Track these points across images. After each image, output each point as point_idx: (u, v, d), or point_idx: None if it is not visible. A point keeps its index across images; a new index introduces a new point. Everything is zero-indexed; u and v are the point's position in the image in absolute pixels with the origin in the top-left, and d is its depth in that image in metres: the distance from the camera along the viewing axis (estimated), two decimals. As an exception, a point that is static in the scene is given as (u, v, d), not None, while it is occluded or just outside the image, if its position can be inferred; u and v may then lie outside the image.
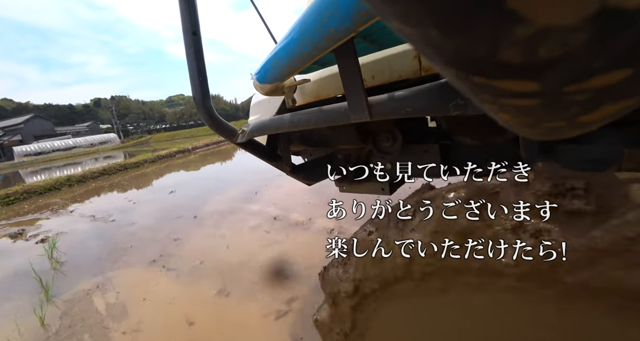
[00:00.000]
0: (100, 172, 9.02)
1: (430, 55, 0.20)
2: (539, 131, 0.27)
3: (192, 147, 13.77)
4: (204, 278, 2.25)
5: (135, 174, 8.74)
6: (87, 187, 7.52)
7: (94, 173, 8.80)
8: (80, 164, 15.02)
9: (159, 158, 11.39)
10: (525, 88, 0.19)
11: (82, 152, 27.01)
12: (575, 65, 0.16)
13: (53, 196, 6.79)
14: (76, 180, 8.15)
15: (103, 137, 32.56)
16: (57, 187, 7.57)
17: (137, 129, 48.29)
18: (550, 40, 0.15)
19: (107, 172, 9.11)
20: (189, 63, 0.79)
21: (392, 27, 0.19)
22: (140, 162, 10.49)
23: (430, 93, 0.54)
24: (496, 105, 0.23)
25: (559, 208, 0.40)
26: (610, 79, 0.17)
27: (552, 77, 0.17)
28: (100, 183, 7.82)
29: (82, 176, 8.44)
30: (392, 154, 0.91)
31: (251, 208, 3.70)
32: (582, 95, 0.19)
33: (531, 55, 0.16)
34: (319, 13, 0.48)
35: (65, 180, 7.93)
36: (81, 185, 7.95)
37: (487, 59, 0.17)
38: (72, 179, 8.10)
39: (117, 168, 9.50)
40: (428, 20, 0.16)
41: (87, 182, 8.22)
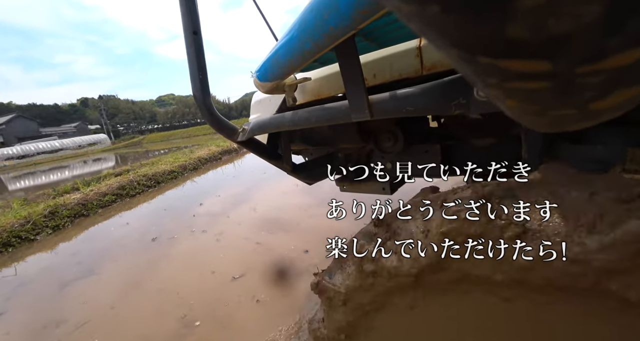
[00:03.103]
0: (115, 192, 4.95)
1: (431, 36, 0.18)
2: (545, 120, 0.25)
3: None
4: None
5: (191, 193, 5.12)
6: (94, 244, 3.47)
7: (101, 200, 4.67)
8: (68, 167, 13.99)
9: (201, 162, 7.57)
10: (535, 69, 0.17)
11: (70, 154, 25.94)
12: (588, 42, 0.15)
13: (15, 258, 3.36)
14: (69, 215, 4.13)
15: (92, 138, 31.42)
16: (32, 235, 3.65)
17: (128, 129, 47.06)
18: (561, 12, 0.13)
19: (126, 191, 5.09)
20: (189, 62, 0.78)
21: (390, 7, 0.18)
22: (177, 170, 6.41)
23: (432, 92, 0.55)
24: (502, 89, 0.21)
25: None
26: (626, 59, 0.15)
27: (563, 56, 0.16)
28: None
29: (80, 205, 4.39)
30: (393, 154, 0.91)
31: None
32: (596, 78, 0.17)
33: (540, 30, 0.14)
34: (318, 10, 0.48)
35: (46, 220, 3.87)
36: (77, 228, 4.00)
37: (493, 35, 0.15)
38: (60, 214, 4.04)
39: (139, 184, 5.33)
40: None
41: (88, 219, 4.30)
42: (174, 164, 6.84)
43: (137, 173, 5.94)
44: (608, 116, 0.22)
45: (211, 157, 8.40)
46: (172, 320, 1.83)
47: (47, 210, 4.10)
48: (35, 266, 3.11)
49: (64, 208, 4.29)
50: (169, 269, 2.55)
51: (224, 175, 6.57)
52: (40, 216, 3.96)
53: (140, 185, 5.50)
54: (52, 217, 4.06)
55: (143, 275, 2.48)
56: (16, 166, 21.57)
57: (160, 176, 6.03)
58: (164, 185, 5.90)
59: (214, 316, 1.82)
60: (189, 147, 13.17)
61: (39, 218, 3.92)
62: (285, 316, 1.68)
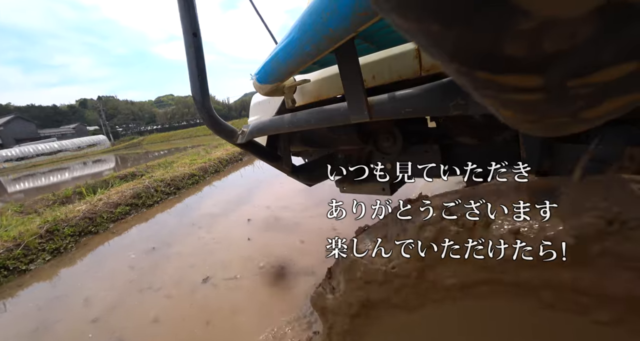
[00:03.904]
0: (129, 202, 3.95)
1: (431, 51, 0.19)
2: (540, 127, 0.27)
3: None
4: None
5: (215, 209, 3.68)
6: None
7: (112, 212, 3.69)
8: (67, 169, 13.82)
9: (222, 164, 6.50)
10: (529, 83, 0.19)
11: (69, 156, 25.83)
12: (580, 59, 0.16)
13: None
14: (72, 233, 3.23)
15: (91, 139, 31.35)
16: (23, 264, 2.71)
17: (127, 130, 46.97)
18: (556, 33, 0.14)
19: (142, 200, 4.08)
20: (189, 63, 0.78)
21: (392, 23, 0.18)
22: (197, 173, 5.41)
23: (430, 94, 0.55)
24: (498, 100, 0.22)
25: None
26: (615, 72, 0.17)
27: (556, 71, 0.17)
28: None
29: (87, 220, 3.46)
30: (392, 154, 0.92)
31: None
32: (586, 90, 0.18)
33: (536, 49, 0.15)
34: (318, 13, 0.48)
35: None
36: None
37: (490, 53, 0.17)
38: (61, 233, 3.14)
39: (157, 191, 4.31)
40: (429, 14, 0.16)
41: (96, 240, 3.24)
42: (192, 167, 5.75)
43: (154, 178, 4.79)
44: (600, 122, 0.23)
45: (231, 158, 7.33)
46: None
47: (44, 227, 3.08)
48: (21, 324, 1.86)
49: (66, 224, 3.28)
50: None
51: (254, 178, 5.21)
52: (35, 236, 2.94)
53: (158, 192, 4.39)
54: (50, 236, 3.07)
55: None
56: (15, 168, 21.44)
57: (180, 181, 4.97)
58: (184, 192, 4.79)
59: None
60: (189, 148, 12.59)
61: (32, 240, 2.88)
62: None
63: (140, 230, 3.42)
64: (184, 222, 3.44)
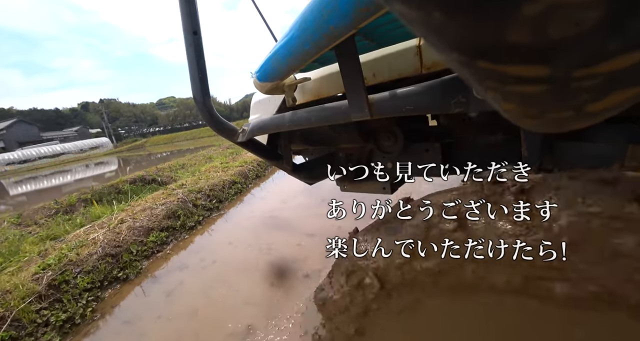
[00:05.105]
0: (163, 224, 2.65)
1: (433, 40, 0.19)
2: (543, 122, 0.26)
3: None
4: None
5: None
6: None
7: (143, 242, 2.37)
8: (70, 172, 13.64)
9: (261, 167, 4.99)
10: (533, 73, 0.18)
11: (72, 158, 25.93)
12: (586, 47, 0.15)
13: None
14: (90, 285, 1.88)
15: (94, 141, 31.53)
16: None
17: (130, 133, 47.31)
18: (562, 19, 0.14)
19: (180, 221, 2.81)
20: (189, 63, 0.78)
21: (393, 12, 0.18)
22: (238, 180, 4.18)
23: (431, 91, 0.55)
24: (500, 93, 0.22)
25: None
26: (622, 62, 0.16)
27: (561, 60, 0.16)
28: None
29: (110, 257, 2.11)
30: (393, 153, 0.91)
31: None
32: (592, 81, 0.18)
33: (540, 36, 0.15)
34: (319, 10, 0.48)
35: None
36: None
37: (493, 40, 0.16)
38: (72, 286, 1.77)
39: (196, 206, 3.14)
40: (431, 1, 0.15)
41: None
42: (229, 172, 4.44)
43: (187, 187, 3.52)
44: (604, 116, 0.22)
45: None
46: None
47: (45, 278, 1.83)
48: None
49: (79, 270, 1.99)
50: None
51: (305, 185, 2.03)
52: (33, 296, 1.70)
53: (198, 208, 3.18)
54: (55, 293, 1.80)
55: None
56: (17, 171, 21.52)
57: (220, 190, 3.74)
58: (227, 204, 3.54)
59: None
60: (192, 149, 11.99)
61: (25, 308, 1.62)
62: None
63: (194, 272, 1.96)
64: (260, 259, 1.95)
